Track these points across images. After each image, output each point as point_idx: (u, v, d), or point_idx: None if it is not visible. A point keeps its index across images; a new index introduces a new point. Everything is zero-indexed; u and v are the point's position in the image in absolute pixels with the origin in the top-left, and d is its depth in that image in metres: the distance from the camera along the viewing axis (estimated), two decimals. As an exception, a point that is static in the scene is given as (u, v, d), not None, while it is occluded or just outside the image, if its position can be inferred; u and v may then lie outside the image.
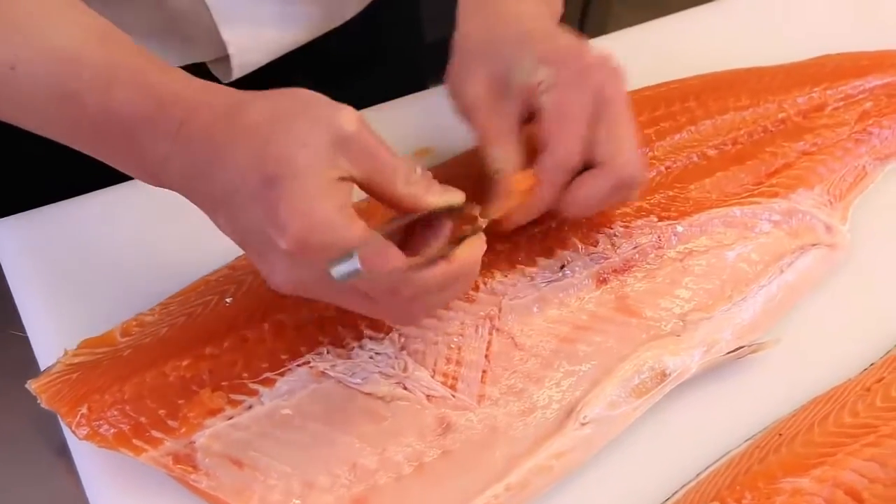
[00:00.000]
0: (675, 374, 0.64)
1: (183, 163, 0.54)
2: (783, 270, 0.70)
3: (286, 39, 0.81)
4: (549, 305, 0.65)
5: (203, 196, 0.54)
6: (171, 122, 0.53)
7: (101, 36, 0.57)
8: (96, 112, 0.54)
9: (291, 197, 0.50)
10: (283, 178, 0.50)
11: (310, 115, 0.52)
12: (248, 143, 0.51)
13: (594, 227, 0.68)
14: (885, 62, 0.83)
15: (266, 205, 0.50)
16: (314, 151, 0.51)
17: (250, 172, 0.51)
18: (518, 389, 0.62)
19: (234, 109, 0.53)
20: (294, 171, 0.50)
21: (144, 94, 0.54)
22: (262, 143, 0.51)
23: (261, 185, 0.50)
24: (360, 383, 0.60)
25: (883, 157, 0.78)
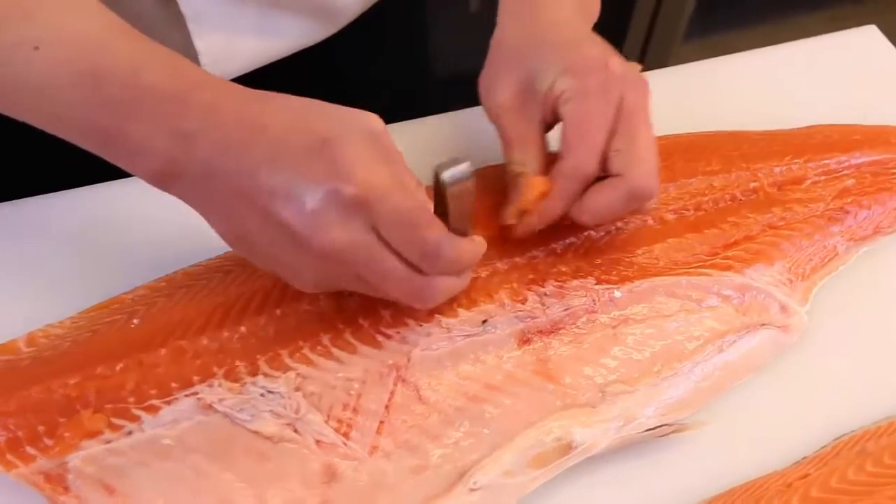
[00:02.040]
0: (582, 448, 0.62)
1: (214, 139, 0.54)
2: (723, 349, 0.67)
3: (264, 51, 0.82)
4: (462, 361, 0.64)
5: (229, 178, 0.55)
6: (203, 102, 0.55)
7: (122, 26, 0.58)
8: (123, 90, 0.55)
9: (351, 150, 0.53)
10: (337, 139, 0.53)
11: (340, 109, 0.56)
12: (286, 119, 0.55)
13: (525, 284, 0.67)
14: (878, 138, 0.80)
15: (325, 158, 0.53)
16: (357, 133, 0.55)
17: (301, 134, 0.54)
18: (413, 445, 0.61)
19: (264, 98, 0.56)
20: (345, 135, 0.54)
21: (174, 76, 0.56)
22: (305, 115, 0.55)
23: (313, 144, 0.53)
24: (248, 420, 0.60)
25: (858, 238, 0.75)
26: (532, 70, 0.66)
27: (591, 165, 0.63)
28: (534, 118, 0.66)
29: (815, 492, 0.61)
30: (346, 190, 0.53)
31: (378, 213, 0.54)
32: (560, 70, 0.64)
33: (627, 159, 0.63)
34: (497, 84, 0.67)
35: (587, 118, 0.63)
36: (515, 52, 0.68)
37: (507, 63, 0.68)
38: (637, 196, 0.64)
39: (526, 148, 0.66)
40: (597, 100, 0.63)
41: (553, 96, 0.65)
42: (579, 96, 0.63)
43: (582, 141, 0.63)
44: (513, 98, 0.66)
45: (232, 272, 0.67)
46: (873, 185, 0.77)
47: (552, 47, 0.66)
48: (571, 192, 0.64)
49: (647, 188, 0.63)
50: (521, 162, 0.66)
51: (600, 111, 0.63)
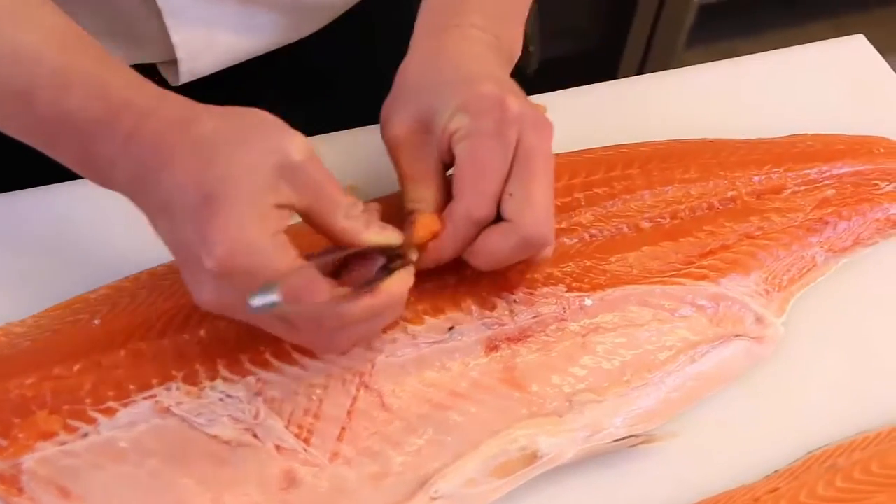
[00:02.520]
0: (547, 458, 0.61)
1: (130, 168, 0.55)
2: (695, 359, 0.67)
3: (242, 47, 0.81)
4: (427, 367, 0.63)
5: (146, 202, 0.56)
6: (122, 129, 0.55)
7: (63, 38, 0.58)
8: (49, 113, 0.56)
9: (224, 218, 0.52)
10: (220, 198, 0.52)
11: (260, 139, 0.54)
12: (193, 158, 0.53)
13: (494, 291, 0.66)
14: (861, 148, 0.79)
15: (199, 222, 0.52)
16: (257, 176, 0.53)
17: (190, 187, 0.53)
18: (375, 451, 0.61)
19: (185, 121, 0.55)
20: (232, 193, 0.52)
21: (98, 99, 0.56)
22: (207, 159, 0.53)
23: (197, 201, 0.52)
24: (205, 424, 0.59)
25: (838, 249, 0.74)
26: (430, 105, 0.63)
27: (483, 210, 0.60)
28: (430, 154, 0.63)
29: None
30: (207, 263, 0.52)
31: (244, 286, 0.52)
32: (455, 107, 0.61)
33: (520, 205, 0.60)
34: (394, 116, 0.64)
35: (480, 159, 0.60)
36: (416, 86, 0.65)
37: (407, 96, 0.65)
38: (528, 244, 0.61)
39: (421, 185, 0.63)
40: (490, 140, 0.60)
41: (448, 133, 0.61)
42: (473, 135, 0.60)
43: (474, 183, 0.60)
44: (409, 132, 0.63)
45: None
46: (854, 195, 0.76)
47: (451, 83, 0.63)
48: (463, 235, 0.61)
49: (539, 236, 0.60)
50: (415, 199, 0.63)
51: (494, 153, 0.60)
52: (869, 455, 0.63)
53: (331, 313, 0.55)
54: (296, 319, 0.56)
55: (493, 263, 0.62)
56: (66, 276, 0.69)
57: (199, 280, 0.54)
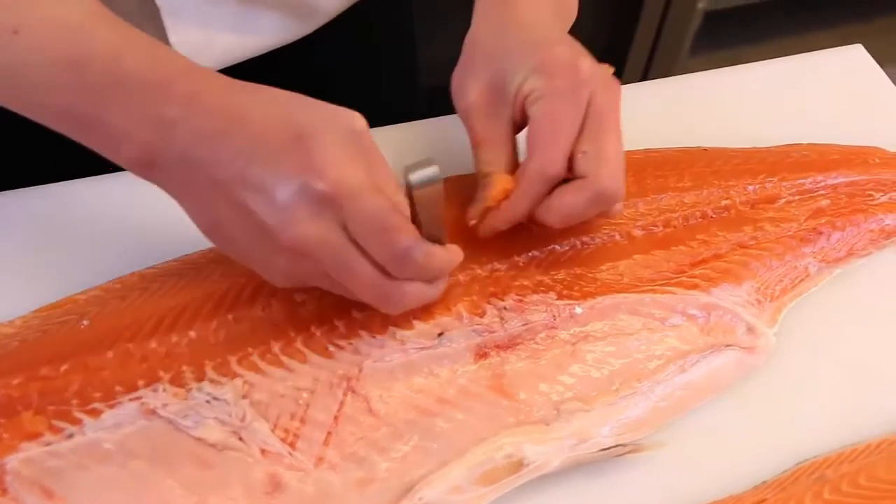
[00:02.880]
0: (533, 466, 0.61)
1: (195, 128, 0.55)
2: (685, 369, 0.67)
3: (241, 47, 0.81)
4: (416, 373, 0.63)
5: (209, 167, 0.55)
6: (185, 90, 0.55)
7: (105, 13, 0.58)
8: (104, 76, 0.55)
9: (326, 147, 0.54)
10: (313, 135, 0.54)
11: (323, 105, 0.56)
12: (267, 111, 0.55)
13: (485, 297, 0.66)
14: (857, 159, 0.79)
15: (299, 153, 0.53)
16: (338, 131, 0.55)
17: (277, 130, 0.54)
18: (360, 457, 0.61)
19: (247, 89, 0.57)
20: (323, 132, 0.54)
21: (156, 64, 0.56)
22: (284, 110, 0.55)
23: (290, 139, 0.54)
24: (191, 427, 0.59)
25: (831, 260, 0.74)
26: (502, 69, 0.65)
27: (557, 167, 0.62)
28: (503, 118, 0.66)
29: (769, 517, 0.60)
30: (317, 186, 0.53)
31: (348, 213, 0.54)
32: (529, 70, 0.64)
33: (594, 161, 0.62)
34: (467, 83, 0.67)
35: (554, 118, 0.63)
36: (486, 52, 0.68)
37: (478, 63, 0.68)
38: (602, 199, 0.63)
39: (495, 147, 0.66)
40: (565, 100, 0.63)
41: (522, 96, 0.64)
42: (547, 96, 0.63)
43: (548, 141, 0.62)
44: (482, 97, 0.66)
45: (186, 276, 0.66)
46: (848, 206, 0.76)
47: (523, 47, 0.66)
48: (536, 192, 0.64)
49: (613, 191, 0.63)
50: (489, 161, 0.66)
51: (568, 112, 0.63)
52: (857, 468, 0.63)
53: (421, 249, 0.56)
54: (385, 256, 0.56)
55: (567, 219, 0.64)
56: (55, 278, 0.69)
57: (295, 216, 0.54)
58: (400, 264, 0.57)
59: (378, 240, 0.55)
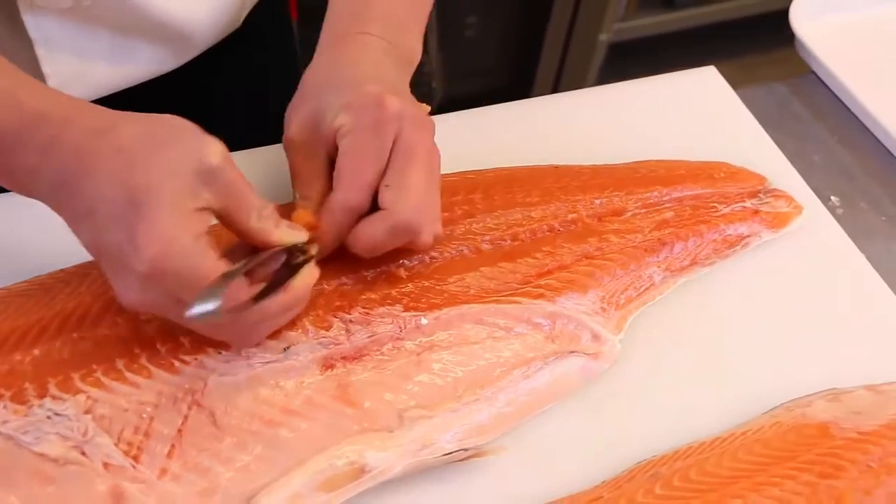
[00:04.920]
0: (375, 471, 0.64)
1: (51, 176, 0.59)
2: (529, 375, 0.70)
3: (117, 77, 0.84)
4: (261, 386, 0.66)
5: (68, 209, 0.60)
6: (40, 139, 0.58)
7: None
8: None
9: (151, 223, 0.56)
10: (146, 203, 0.56)
11: (178, 144, 0.59)
12: (115, 164, 0.57)
13: (330, 311, 0.69)
14: (702, 173, 0.84)
15: (126, 226, 0.56)
16: (178, 181, 0.58)
17: (115, 193, 0.57)
18: (204, 468, 0.63)
19: (103, 129, 0.59)
20: (156, 199, 0.56)
21: (13, 112, 0.59)
22: (129, 166, 0.57)
23: (123, 206, 0.56)
24: (32, 442, 0.61)
25: (676, 269, 0.78)
26: (320, 106, 0.69)
27: (358, 199, 0.66)
28: (319, 153, 0.69)
29: (604, 514, 0.64)
30: (136, 266, 0.57)
31: (171, 288, 0.58)
32: (340, 106, 0.68)
33: (395, 194, 0.66)
34: (290, 118, 0.71)
35: (358, 153, 0.66)
36: (311, 89, 0.71)
37: (302, 99, 0.71)
38: (402, 230, 0.67)
39: (309, 183, 0.70)
40: (369, 135, 0.66)
41: (332, 131, 0.68)
42: (353, 132, 0.67)
43: (351, 174, 0.66)
44: (300, 133, 0.70)
45: (33, 296, 0.68)
46: (692, 217, 0.80)
47: (341, 86, 0.69)
48: (340, 224, 0.67)
49: (413, 222, 0.66)
50: (303, 195, 0.69)
51: (372, 147, 0.66)
52: (690, 464, 0.67)
53: (252, 311, 0.60)
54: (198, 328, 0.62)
55: (370, 249, 0.68)
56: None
57: (125, 282, 0.59)
58: (234, 327, 0.62)
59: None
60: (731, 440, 0.68)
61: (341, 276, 0.71)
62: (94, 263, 0.71)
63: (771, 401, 0.72)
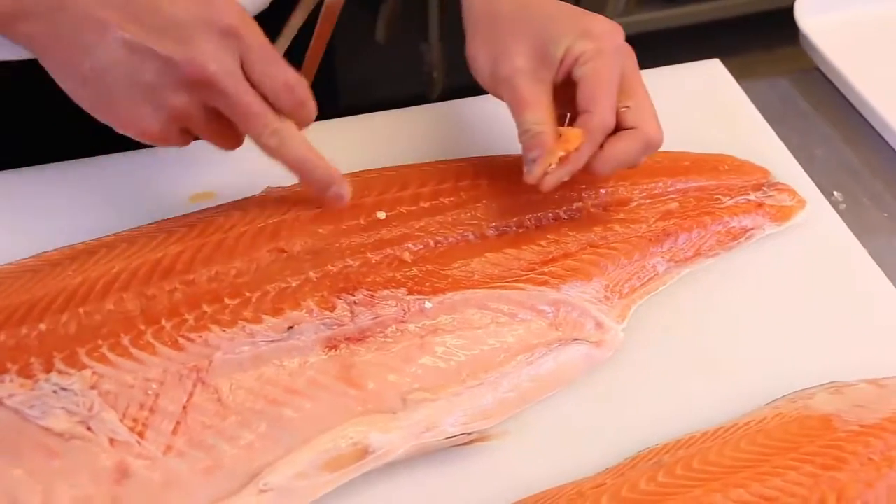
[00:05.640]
0: (379, 453, 0.64)
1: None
2: (533, 362, 0.70)
3: None
4: (265, 365, 0.66)
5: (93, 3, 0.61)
6: None
7: None
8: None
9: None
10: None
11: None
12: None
13: (335, 292, 0.69)
14: (707, 165, 0.84)
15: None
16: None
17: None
18: (208, 445, 0.63)
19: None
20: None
21: None
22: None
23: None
24: (38, 416, 0.61)
25: (680, 260, 0.78)
26: (546, 36, 0.72)
27: (613, 119, 0.71)
28: (546, 81, 0.73)
29: (605, 501, 0.64)
30: (223, 20, 0.62)
31: (247, 46, 0.64)
32: (576, 35, 0.71)
33: (639, 114, 0.72)
34: (507, 51, 0.73)
35: (606, 77, 0.71)
36: (518, 23, 0.74)
37: (512, 33, 0.74)
38: (651, 145, 0.72)
39: (541, 109, 0.72)
40: (612, 61, 0.71)
41: (571, 58, 0.71)
42: (597, 57, 0.71)
43: (605, 96, 0.70)
44: (527, 63, 0.72)
45: (41, 272, 0.69)
46: (696, 209, 0.81)
47: (562, 17, 0.74)
48: (597, 144, 0.71)
49: (658, 139, 0.73)
50: (538, 121, 0.71)
51: (615, 72, 0.72)
52: (692, 453, 0.67)
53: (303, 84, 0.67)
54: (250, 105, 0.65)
55: (620, 165, 0.73)
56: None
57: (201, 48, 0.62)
58: (285, 92, 0.66)
59: (271, 71, 0.65)
60: (734, 430, 0.69)
61: (346, 257, 0.72)
62: (101, 242, 0.72)
63: (773, 392, 0.72)
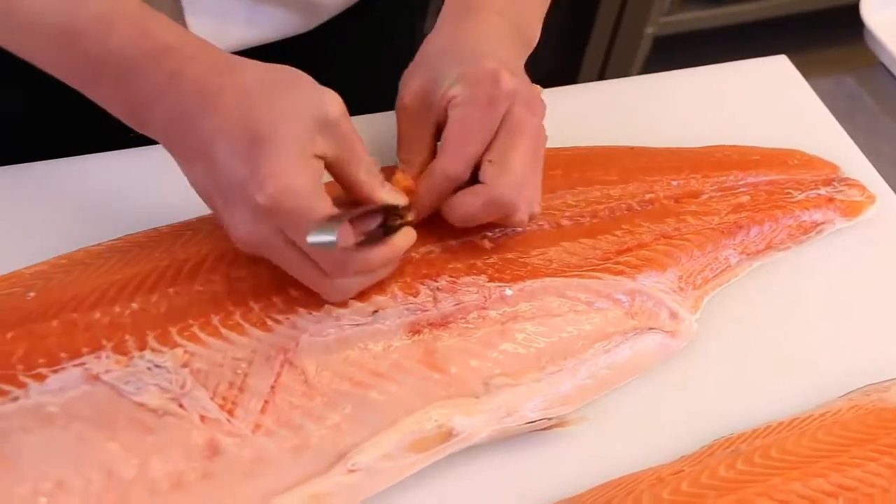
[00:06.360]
0: (462, 436, 0.66)
1: (171, 107, 0.61)
2: (609, 350, 0.71)
3: (251, 39, 0.87)
4: (350, 348, 0.68)
5: (184, 143, 0.62)
6: (164, 69, 0.61)
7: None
8: (94, 52, 0.61)
9: (274, 158, 0.59)
10: (269, 141, 0.59)
11: (299, 91, 0.62)
12: (238, 101, 0.60)
13: (418, 278, 0.71)
14: (776, 160, 0.85)
15: (249, 161, 0.59)
16: (299, 125, 0.60)
17: (238, 129, 0.59)
18: (296, 425, 0.64)
19: (227, 68, 0.62)
20: (279, 138, 0.59)
21: (142, 40, 0.61)
22: (252, 105, 0.60)
23: (246, 142, 0.59)
24: (133, 392, 0.63)
25: (751, 252, 0.79)
26: (435, 75, 0.70)
27: (459, 169, 0.68)
28: (428, 121, 0.71)
29: (685, 486, 0.65)
30: (257, 198, 0.59)
31: (285, 224, 0.60)
32: (455, 77, 0.69)
33: (496, 170, 0.67)
34: (405, 84, 0.72)
35: (466, 124, 0.68)
36: (429, 58, 0.73)
37: (420, 67, 0.73)
38: (497, 206, 0.68)
39: (414, 148, 0.72)
40: (480, 109, 0.68)
41: (445, 100, 0.69)
42: (465, 103, 0.68)
43: (456, 144, 0.68)
44: (412, 101, 0.71)
45: (129, 253, 0.70)
46: (768, 202, 0.82)
47: (457, 57, 0.71)
48: (438, 191, 0.69)
49: (508, 199, 0.68)
50: (406, 160, 0.72)
51: (480, 120, 0.68)
52: (769, 442, 0.68)
53: (355, 258, 0.63)
54: (324, 262, 0.63)
55: (466, 219, 0.70)
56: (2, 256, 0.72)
57: (240, 216, 0.61)
58: (334, 271, 0.64)
59: (314, 250, 0.61)
60: (809, 421, 0.70)
61: (428, 244, 0.73)
62: (186, 224, 0.73)
63: (845, 385, 0.73)
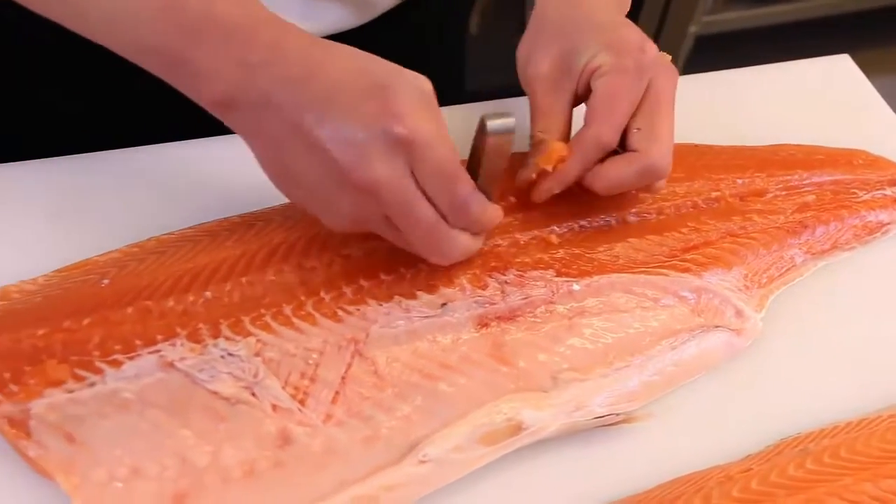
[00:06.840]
0: (532, 429, 0.66)
1: (278, 71, 0.60)
2: (676, 346, 0.71)
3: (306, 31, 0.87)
4: (419, 340, 0.68)
5: (290, 105, 0.60)
6: (269, 38, 0.61)
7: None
8: (197, 16, 0.61)
9: (405, 98, 0.59)
10: (393, 87, 0.59)
11: (394, 65, 0.62)
12: (349, 60, 0.61)
13: (486, 271, 0.71)
14: (840, 160, 0.85)
15: (381, 99, 0.59)
16: (414, 81, 0.61)
17: (359, 77, 0.60)
18: (367, 416, 0.65)
19: (325, 42, 0.62)
20: (402, 85, 0.60)
21: (245, 11, 0.62)
22: (366, 62, 0.61)
23: (372, 85, 0.60)
24: (207, 380, 0.64)
25: (817, 252, 0.79)
26: (572, 45, 0.72)
27: (610, 137, 0.69)
28: (565, 90, 0.72)
29: (754, 484, 0.65)
30: (396, 129, 0.58)
31: (419, 159, 0.60)
32: (599, 46, 0.70)
33: (646, 137, 0.70)
34: (536, 55, 0.73)
35: (616, 93, 0.69)
36: (556, 28, 0.74)
37: (548, 37, 0.74)
38: (649, 173, 0.70)
39: (552, 116, 0.72)
40: (628, 77, 0.69)
41: (589, 70, 0.71)
42: (613, 72, 0.69)
43: (606, 113, 0.69)
44: (549, 70, 0.72)
45: (201, 242, 0.71)
46: (833, 202, 0.81)
47: (594, 27, 0.73)
48: (588, 159, 0.71)
49: (660, 167, 0.70)
50: (545, 129, 0.72)
51: (629, 89, 0.69)
52: (838, 442, 0.68)
53: (479, 198, 0.63)
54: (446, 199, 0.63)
55: (613, 187, 0.72)
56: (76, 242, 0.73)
57: (364, 159, 0.59)
58: (458, 212, 0.63)
59: (443, 187, 0.61)
60: (878, 422, 0.70)
61: (496, 238, 0.73)
62: (257, 214, 0.74)
63: (912, 387, 0.73)
